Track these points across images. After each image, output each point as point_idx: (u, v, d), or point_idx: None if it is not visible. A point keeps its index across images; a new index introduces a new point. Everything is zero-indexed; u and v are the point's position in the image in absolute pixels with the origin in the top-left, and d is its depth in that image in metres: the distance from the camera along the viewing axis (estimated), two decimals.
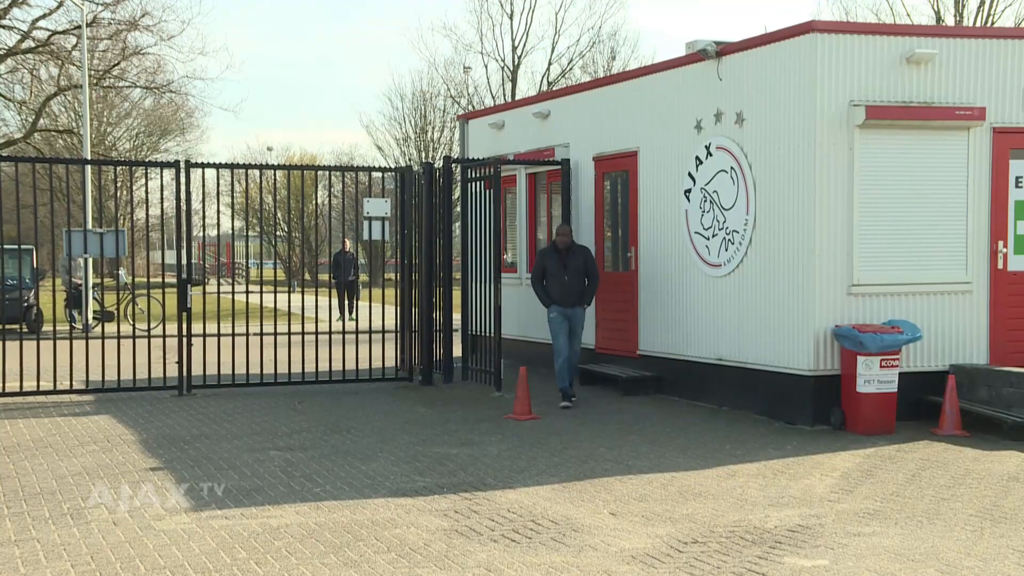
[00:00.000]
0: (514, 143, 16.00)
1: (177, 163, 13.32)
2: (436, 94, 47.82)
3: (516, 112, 16.54)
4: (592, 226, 14.39)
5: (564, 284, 12.06)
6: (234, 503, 7.55)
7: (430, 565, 6.10)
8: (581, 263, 12.13)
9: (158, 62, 35.53)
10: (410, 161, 44.99)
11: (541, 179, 15.77)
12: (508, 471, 8.70)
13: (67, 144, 39.17)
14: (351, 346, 14.96)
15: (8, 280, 21.09)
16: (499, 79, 46.62)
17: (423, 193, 14.34)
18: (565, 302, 12.10)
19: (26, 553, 6.30)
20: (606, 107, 14.22)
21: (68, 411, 11.79)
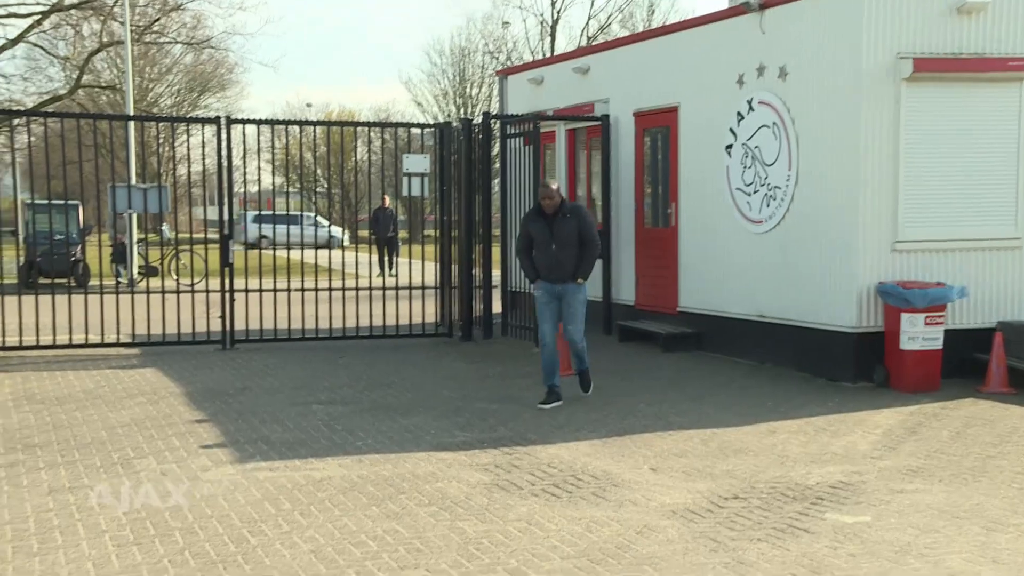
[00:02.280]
0: (553, 99, 15.90)
1: (218, 119, 13.38)
2: (475, 50, 47.64)
3: (555, 67, 16.42)
4: (632, 182, 14.32)
5: (551, 255, 9.56)
6: (278, 455, 7.66)
7: (471, 518, 6.16)
8: (573, 229, 9.51)
9: (198, 17, 35.70)
10: (449, 117, 44.88)
11: (580, 135, 15.68)
12: (548, 426, 8.75)
13: (110, 100, 39.45)
14: (391, 302, 15.05)
15: (56, 235, 21.37)
16: (538, 34, 46.40)
17: (462, 149, 14.32)
18: (553, 276, 9.63)
19: (79, 500, 6.44)
20: (646, 62, 14.07)
21: (115, 364, 11.98)
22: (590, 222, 9.67)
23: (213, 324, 13.77)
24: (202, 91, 47.84)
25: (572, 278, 9.56)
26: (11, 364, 11.85)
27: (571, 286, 9.60)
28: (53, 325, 12.91)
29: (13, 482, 6.87)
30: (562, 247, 9.51)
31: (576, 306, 9.66)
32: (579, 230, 9.53)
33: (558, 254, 9.51)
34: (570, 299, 9.62)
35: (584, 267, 9.61)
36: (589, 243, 9.59)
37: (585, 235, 9.57)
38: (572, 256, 9.55)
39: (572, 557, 5.50)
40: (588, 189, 15.76)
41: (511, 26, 55.81)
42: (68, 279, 18.75)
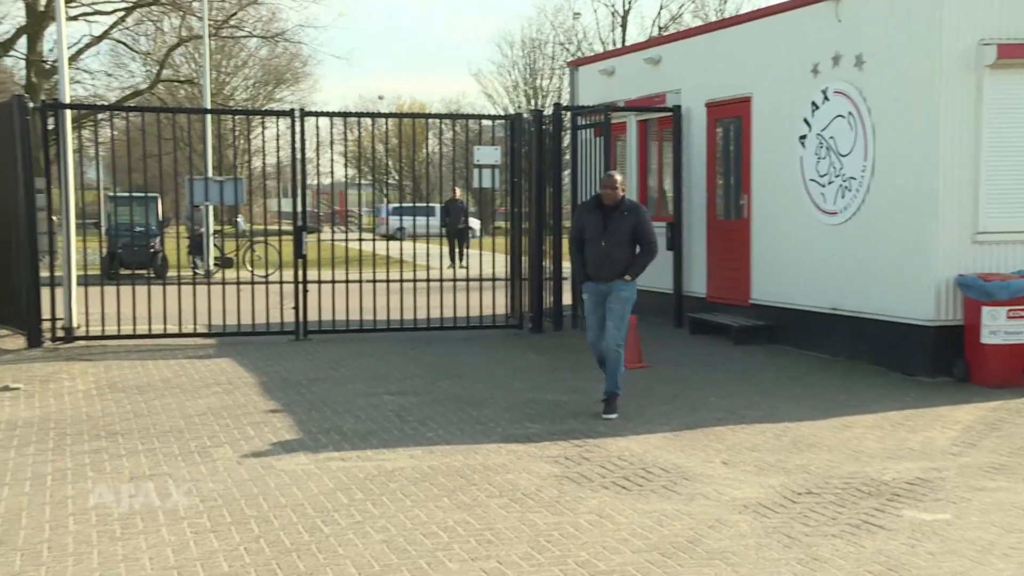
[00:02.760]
0: (624, 90, 15.81)
1: (292, 112, 13.54)
2: (545, 41, 47.62)
3: (626, 58, 16.32)
4: (703, 173, 14.19)
5: (601, 252, 8.78)
6: (350, 446, 7.75)
7: (542, 510, 6.17)
8: (629, 228, 8.78)
9: (273, 11, 36.22)
10: (519, 109, 44.91)
11: (652, 126, 15.57)
12: (618, 419, 8.72)
13: (188, 94, 40.20)
14: (462, 293, 15.11)
15: (136, 227, 21.84)
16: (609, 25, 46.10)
17: (533, 141, 14.31)
18: (601, 274, 8.83)
19: (159, 487, 6.59)
20: (719, 52, 13.92)
21: (192, 354, 12.22)
22: (649, 224, 8.93)
23: (286, 315, 13.97)
24: (276, 84, 48.49)
25: (620, 276, 8.80)
26: (94, 353, 12.15)
27: (618, 284, 8.80)
28: (133, 315, 13.21)
29: (97, 468, 7.05)
30: (614, 244, 8.76)
31: (620, 303, 8.80)
32: (635, 230, 8.78)
33: (609, 251, 8.76)
34: (614, 296, 8.79)
35: (636, 266, 8.85)
36: (647, 246, 8.86)
37: (643, 237, 8.83)
38: (624, 255, 8.80)
39: (643, 551, 5.48)
40: (659, 181, 15.65)
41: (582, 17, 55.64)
42: (147, 270, 19.19)
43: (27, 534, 5.68)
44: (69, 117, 13.14)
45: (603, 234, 8.77)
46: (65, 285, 13.01)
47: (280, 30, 37.01)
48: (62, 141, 12.97)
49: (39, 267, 12.53)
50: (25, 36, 31.12)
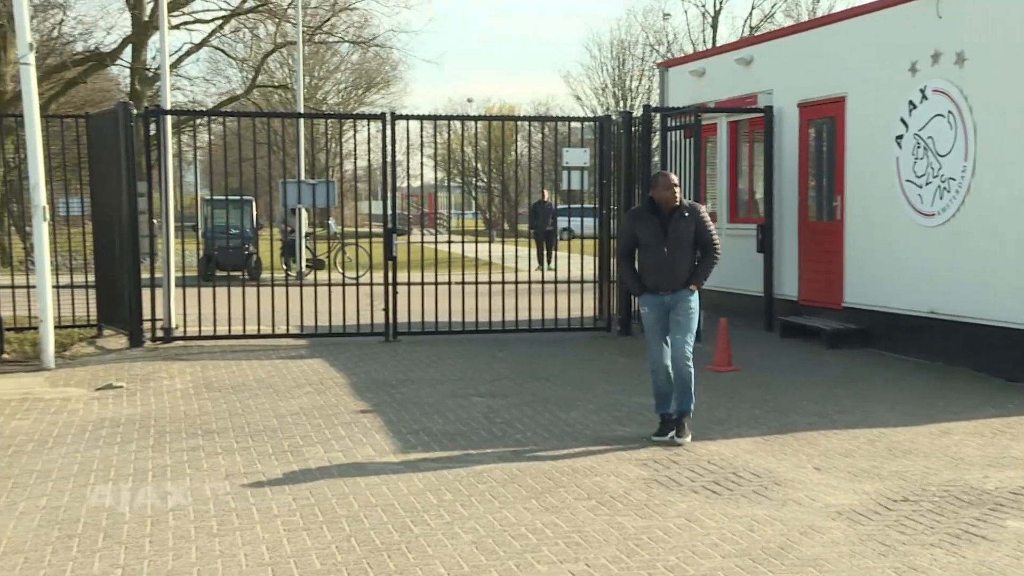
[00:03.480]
0: (715, 91, 15.66)
1: (383, 115, 13.70)
2: (635, 42, 47.39)
3: (717, 59, 16.16)
4: (795, 175, 13.97)
5: (662, 260, 8.00)
6: (439, 446, 7.81)
7: (631, 513, 6.14)
8: (690, 231, 8.02)
9: (365, 17, 36.75)
10: (608, 110, 44.76)
11: (743, 127, 15.39)
12: (707, 422, 8.63)
13: (281, 99, 40.99)
14: (550, 295, 15.12)
15: (231, 230, 22.33)
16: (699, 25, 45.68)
17: (622, 142, 14.26)
18: (663, 285, 8.04)
19: (253, 485, 6.72)
20: (812, 51, 13.70)
21: (285, 354, 12.44)
22: (711, 224, 8.19)
23: (377, 316, 14.15)
24: (367, 88, 49.15)
25: (684, 285, 8.05)
26: (191, 353, 12.46)
27: (683, 293, 8.05)
28: (228, 316, 13.51)
29: (194, 466, 7.23)
30: (676, 251, 8.00)
31: (686, 315, 8.04)
32: (697, 233, 8.05)
33: (671, 258, 7.98)
34: (679, 308, 8.04)
35: (700, 273, 8.12)
36: (709, 248, 8.13)
37: (705, 239, 8.10)
38: (687, 262, 8.06)
39: (733, 556, 5.42)
40: (750, 183, 15.46)
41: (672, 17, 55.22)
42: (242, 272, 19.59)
43: (130, 528, 5.85)
44: (170, 123, 13.50)
45: (663, 241, 8.00)
46: (164, 286, 13.37)
47: (372, 35, 37.55)
48: (163, 146, 13.33)
49: (140, 269, 12.88)
50: (130, 46, 32.12)
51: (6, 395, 9.89)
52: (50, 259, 11.79)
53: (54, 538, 5.69)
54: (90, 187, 14.03)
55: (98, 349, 12.82)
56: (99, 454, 7.54)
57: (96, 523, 5.94)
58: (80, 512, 6.14)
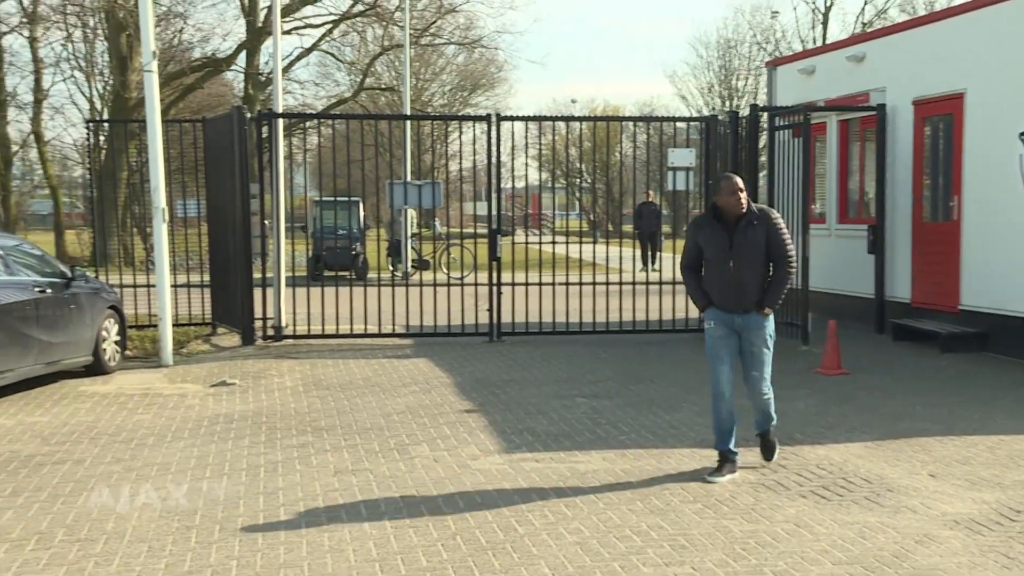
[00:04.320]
0: (824, 89, 15.35)
1: (488, 116, 13.79)
2: (741, 41, 46.75)
3: (827, 56, 15.83)
4: (909, 174, 13.60)
5: (728, 275, 6.99)
6: (543, 447, 7.82)
7: (737, 517, 6.06)
8: (760, 240, 6.97)
9: (471, 18, 37.04)
10: (713, 110, 44.25)
11: (853, 126, 15.05)
12: (816, 426, 8.47)
13: (388, 101, 41.59)
14: (654, 297, 15.01)
15: (339, 230, 22.73)
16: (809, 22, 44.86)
17: (728, 142, 14.08)
18: (729, 304, 7.06)
19: (361, 482, 6.85)
20: (929, 47, 13.31)
21: (391, 353, 12.62)
22: (785, 233, 7.07)
23: (481, 316, 14.24)
24: (472, 90, 49.50)
25: (757, 306, 7.03)
26: (300, 352, 12.73)
27: (754, 318, 7.03)
28: (336, 316, 13.76)
29: (304, 462, 7.39)
30: (744, 264, 6.97)
31: (760, 345, 7.08)
32: (769, 242, 6.98)
33: (738, 273, 6.97)
34: (753, 335, 7.05)
35: (773, 293, 7.03)
36: (782, 260, 7.00)
37: (777, 249, 7.00)
38: (757, 276, 7.01)
39: (844, 563, 5.31)
40: (860, 182, 15.11)
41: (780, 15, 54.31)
42: (349, 272, 19.93)
43: (244, 521, 6.02)
44: (281, 126, 13.81)
45: (729, 253, 6.96)
46: (275, 286, 13.70)
47: (477, 37, 37.81)
48: (274, 148, 13.65)
49: (252, 269, 13.21)
50: (245, 51, 33.02)
51: (128, 390, 10.26)
52: (168, 259, 12.19)
53: (174, 529, 5.88)
54: (206, 189, 14.45)
55: (212, 347, 13.20)
56: (214, 449, 7.77)
57: (212, 515, 6.11)
58: (197, 504, 6.34)
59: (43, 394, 10.05)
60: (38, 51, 33.36)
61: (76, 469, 7.19)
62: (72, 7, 30.52)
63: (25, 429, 8.48)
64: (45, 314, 10.09)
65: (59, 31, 32.30)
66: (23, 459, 7.48)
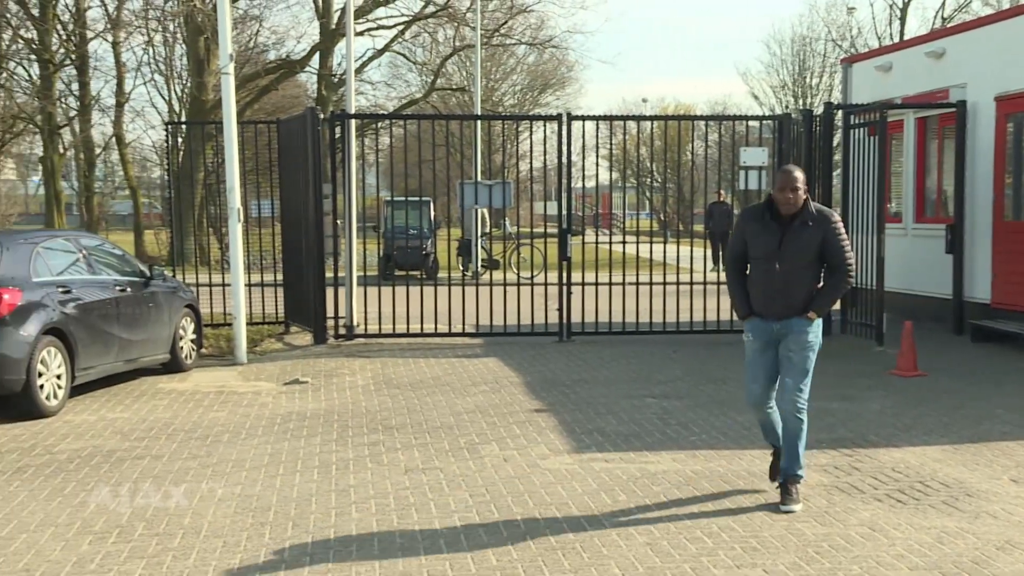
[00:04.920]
0: (902, 86, 15.06)
1: (559, 116, 13.78)
2: (816, 38, 46.09)
3: (905, 53, 15.53)
4: (990, 172, 13.28)
5: (775, 279, 6.31)
6: (613, 447, 7.80)
7: (810, 520, 5.99)
8: (814, 243, 6.27)
9: (542, 18, 37.17)
10: (787, 108, 43.70)
11: (932, 123, 14.75)
12: (892, 428, 8.32)
13: (459, 101, 41.83)
14: (725, 296, 14.86)
15: (410, 230, 22.90)
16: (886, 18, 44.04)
17: (802, 141, 13.89)
18: (773, 309, 6.35)
19: (431, 480, 6.90)
20: (1013, 41, 12.98)
21: (460, 352, 12.68)
22: (844, 237, 6.35)
23: (551, 316, 14.24)
24: (542, 89, 49.55)
25: (801, 311, 6.33)
26: (371, 350, 12.86)
27: (797, 321, 6.32)
28: (407, 315, 13.87)
29: (375, 460, 7.46)
30: (794, 267, 6.27)
31: (800, 351, 6.30)
32: (825, 246, 6.28)
33: (787, 277, 6.28)
34: (793, 340, 6.31)
35: (824, 299, 6.36)
36: (840, 269, 6.32)
37: (835, 255, 6.30)
38: (806, 282, 6.32)
39: (921, 568, 5.21)
40: (938, 181, 14.80)
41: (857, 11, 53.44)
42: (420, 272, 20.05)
43: (316, 519, 6.10)
44: (353, 126, 13.96)
45: (778, 253, 6.28)
46: (347, 285, 13.85)
47: (548, 37, 37.86)
48: (347, 149, 13.81)
49: (325, 268, 13.38)
50: (318, 53, 33.46)
51: (204, 388, 10.46)
52: (243, 259, 12.40)
53: (248, 524, 5.98)
54: (279, 190, 14.66)
55: (285, 345, 13.39)
56: (287, 446, 7.88)
57: (286, 512, 6.21)
58: (271, 500, 6.44)
59: (123, 391, 10.30)
60: (121, 56, 34.26)
61: (154, 464, 7.36)
62: (153, 12, 31.24)
63: (107, 425, 8.70)
64: (125, 312, 10.33)
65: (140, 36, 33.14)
66: (104, 454, 7.67)
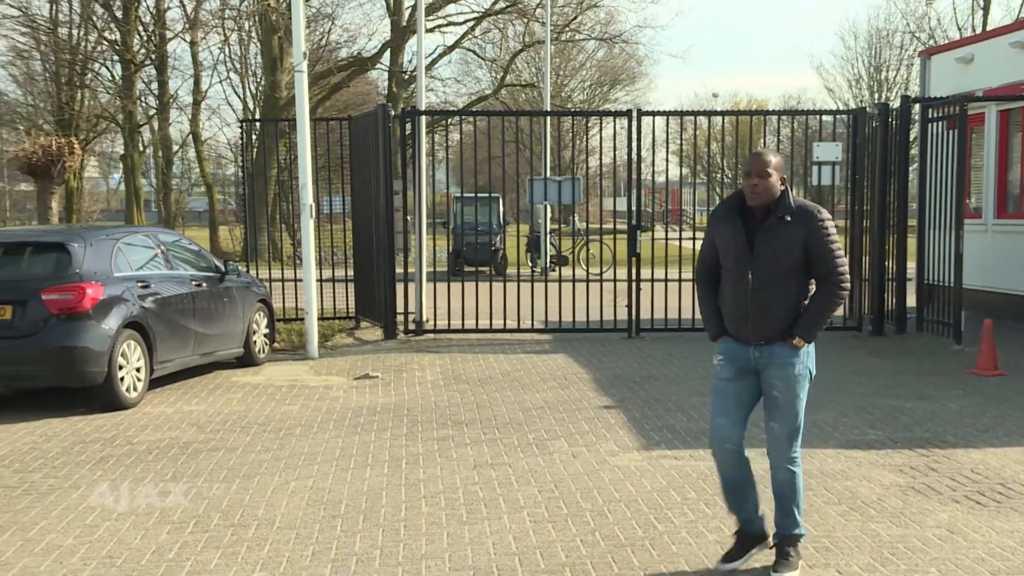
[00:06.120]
0: (984, 78, 14.71)
1: (629, 112, 13.72)
2: (893, 30, 45.20)
3: (988, 43, 15.17)
4: None
5: (745, 291, 4.99)
6: (682, 444, 7.75)
7: (885, 521, 5.88)
8: (795, 245, 4.92)
9: (611, 13, 37.02)
10: (861, 102, 42.96)
11: (1015, 116, 14.40)
12: (971, 429, 8.14)
13: (528, 97, 41.86)
14: None
15: (479, 226, 22.98)
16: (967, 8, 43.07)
17: (877, 135, 13.64)
18: (744, 332, 5.06)
19: (500, 476, 6.91)
20: None
21: (529, 348, 12.69)
22: (832, 237, 4.97)
23: (619, 312, 14.19)
24: (612, 85, 49.35)
25: (783, 334, 5.00)
26: (440, 346, 12.93)
27: (779, 349, 5.01)
28: (476, 311, 13.92)
29: (444, 455, 7.51)
30: (769, 275, 4.94)
31: (788, 387, 5.07)
32: (808, 249, 4.93)
33: (758, 290, 4.95)
34: (774, 373, 5.06)
35: (812, 319, 4.98)
36: (830, 275, 4.96)
37: (822, 260, 4.94)
38: (788, 294, 4.97)
39: (1003, 573, 5.09)
40: (1022, 175, 14.44)
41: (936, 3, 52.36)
42: (488, 267, 20.12)
43: (387, 512, 6.15)
44: (424, 123, 14.04)
45: (750, 259, 4.95)
46: (417, 281, 13.95)
47: (617, 32, 37.68)
48: (417, 145, 13.90)
49: (395, 264, 13.48)
50: (389, 50, 33.74)
51: (277, 382, 10.62)
52: (315, 255, 12.55)
53: (320, 517, 6.06)
54: (351, 186, 14.81)
55: (356, 340, 13.53)
56: (357, 440, 7.96)
57: (356, 505, 6.27)
58: (342, 494, 6.51)
59: (199, 384, 10.49)
60: (198, 55, 34.97)
61: (229, 456, 7.48)
62: (229, 12, 31.80)
63: (183, 417, 8.87)
64: (201, 307, 10.53)
65: (217, 35, 33.75)
66: (181, 445, 7.83)
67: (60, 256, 9.27)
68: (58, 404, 9.35)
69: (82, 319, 8.94)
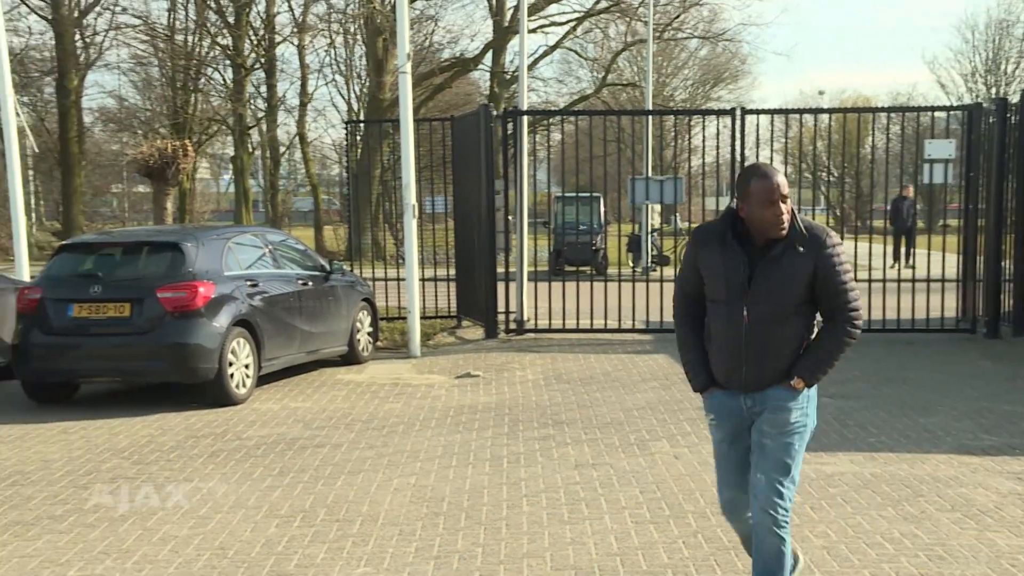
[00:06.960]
0: None
1: (733, 110, 13.54)
2: (1015, 22, 43.61)
3: None
4: None
5: (738, 330, 4.22)
6: None
7: (1003, 530, 5.69)
8: (804, 276, 4.15)
9: (715, 11, 36.52)
10: (976, 98, 41.61)
11: None
12: None
13: (629, 97, 41.62)
14: (906, 294, 14.30)
15: (580, 226, 22.95)
16: None
17: (994, 132, 13.20)
18: (737, 378, 4.29)
19: (601, 476, 6.90)
20: None
21: (630, 348, 12.62)
22: (846, 266, 4.20)
23: None
24: (714, 83, 48.75)
25: (783, 377, 4.26)
26: (541, 345, 12.95)
27: (776, 392, 4.27)
28: (577, 310, 13.91)
29: (546, 454, 7.52)
30: (769, 313, 4.19)
31: (780, 436, 4.30)
32: (816, 281, 4.18)
33: (759, 328, 4.20)
34: (768, 420, 4.30)
35: (817, 357, 4.26)
36: (840, 312, 4.22)
37: (833, 296, 4.19)
38: (790, 334, 4.24)
39: None
40: None
41: None
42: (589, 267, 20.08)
43: (488, 511, 6.19)
44: (526, 123, 14.08)
45: (747, 292, 4.19)
46: (518, 281, 13.99)
47: (721, 30, 37.19)
48: (518, 145, 13.95)
49: (496, 263, 13.54)
50: (491, 51, 33.95)
51: (380, 380, 10.77)
52: (417, 254, 12.69)
53: (423, 514, 6.13)
54: (453, 186, 14.93)
55: (457, 339, 13.63)
56: (459, 439, 8.03)
57: (458, 503, 6.33)
58: (445, 492, 6.57)
59: (304, 381, 10.71)
60: (305, 58, 35.72)
61: (334, 453, 7.62)
62: (336, 15, 32.41)
63: (289, 414, 9.07)
64: (307, 305, 10.74)
65: (323, 38, 34.40)
66: (288, 441, 8.00)
67: (175, 255, 9.55)
68: (173, 399, 9.65)
69: (195, 317, 9.20)
